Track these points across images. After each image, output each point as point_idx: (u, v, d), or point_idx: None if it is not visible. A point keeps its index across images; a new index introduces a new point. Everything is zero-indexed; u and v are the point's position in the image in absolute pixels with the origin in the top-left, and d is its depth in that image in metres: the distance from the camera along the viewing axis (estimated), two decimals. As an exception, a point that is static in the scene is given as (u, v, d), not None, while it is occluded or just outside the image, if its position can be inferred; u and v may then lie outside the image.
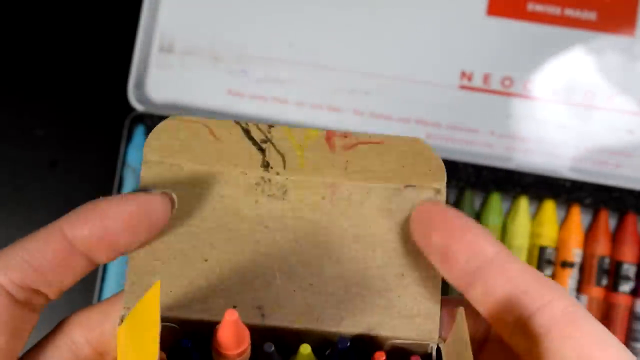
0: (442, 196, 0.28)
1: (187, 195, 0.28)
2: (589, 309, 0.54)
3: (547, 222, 0.55)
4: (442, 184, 0.28)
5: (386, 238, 0.28)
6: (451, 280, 0.26)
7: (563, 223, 0.56)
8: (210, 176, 0.28)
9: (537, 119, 0.55)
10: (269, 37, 0.55)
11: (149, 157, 0.28)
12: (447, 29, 0.55)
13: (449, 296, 0.29)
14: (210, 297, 0.27)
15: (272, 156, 0.28)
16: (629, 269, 0.55)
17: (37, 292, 0.26)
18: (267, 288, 0.27)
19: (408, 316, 0.27)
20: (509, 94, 0.55)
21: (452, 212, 0.26)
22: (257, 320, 0.27)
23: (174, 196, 0.28)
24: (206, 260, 0.27)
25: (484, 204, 0.56)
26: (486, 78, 0.55)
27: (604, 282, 0.55)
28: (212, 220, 0.28)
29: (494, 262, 0.25)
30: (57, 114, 0.58)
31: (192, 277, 0.27)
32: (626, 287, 0.54)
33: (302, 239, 0.28)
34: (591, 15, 0.55)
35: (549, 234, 0.55)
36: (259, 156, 0.28)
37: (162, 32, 0.55)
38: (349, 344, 0.26)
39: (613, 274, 0.55)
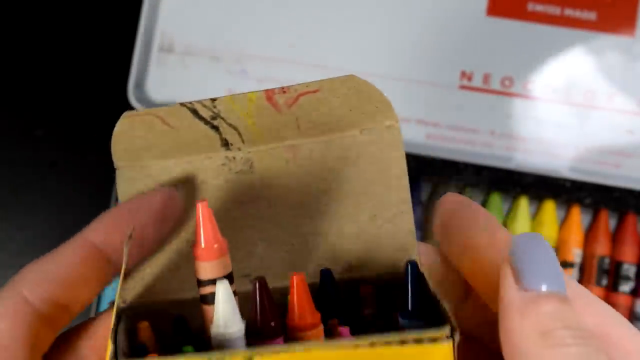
0: (397, 130, 0.29)
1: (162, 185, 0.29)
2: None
3: (547, 222, 0.55)
4: (393, 119, 0.29)
5: (352, 185, 0.29)
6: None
7: (563, 223, 0.56)
8: (178, 167, 0.29)
9: (537, 119, 0.55)
10: (269, 37, 0.55)
11: (119, 163, 0.29)
12: (447, 29, 0.55)
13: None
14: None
15: (227, 131, 0.29)
16: (629, 269, 0.55)
17: (62, 307, 0.25)
18: (250, 257, 0.28)
19: (386, 251, 0.28)
20: (509, 94, 0.55)
21: (470, 210, 0.26)
22: (247, 288, 0.27)
23: (179, 190, 0.29)
24: (188, 242, 0.28)
25: (484, 204, 0.56)
26: (486, 78, 0.55)
27: (604, 282, 0.55)
28: (187, 204, 0.28)
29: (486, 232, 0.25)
30: (57, 114, 0.58)
31: (178, 260, 0.28)
32: (626, 287, 0.54)
33: (275, 205, 0.29)
34: (591, 15, 0.55)
35: (549, 234, 0.55)
36: (215, 136, 0.29)
37: (162, 32, 0.55)
38: (330, 271, 0.28)
39: (613, 274, 0.55)
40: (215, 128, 0.28)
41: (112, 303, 0.27)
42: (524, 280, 0.22)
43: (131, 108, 0.54)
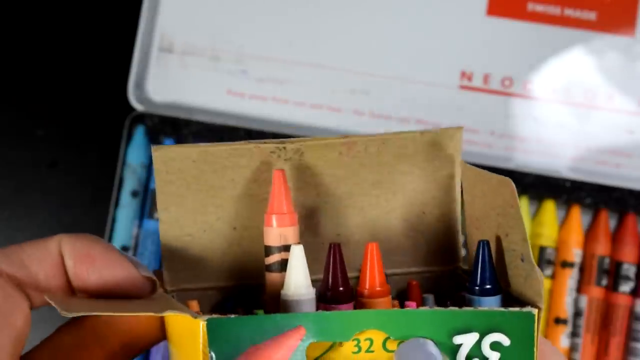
0: (458, 137, 0.30)
1: (204, 171, 0.28)
2: (589, 309, 0.54)
3: (547, 222, 0.55)
4: (456, 130, 0.29)
5: (405, 180, 0.29)
6: None
7: (563, 223, 0.56)
8: (225, 152, 0.28)
9: (537, 119, 0.55)
10: (268, 36, 0.55)
11: (157, 149, 0.27)
12: (447, 29, 0.55)
13: None
14: (245, 262, 0.28)
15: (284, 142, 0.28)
16: (629, 269, 0.55)
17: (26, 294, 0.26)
18: None
19: (433, 249, 0.29)
20: (509, 94, 0.55)
21: None
22: None
23: (155, 279, 0.27)
24: (235, 229, 0.28)
25: (484, 204, 0.56)
26: (486, 78, 0.55)
27: (604, 282, 0.55)
28: (232, 189, 0.28)
29: None
30: (57, 114, 0.58)
31: (224, 247, 0.28)
32: (626, 287, 0.54)
33: (324, 193, 0.28)
34: (591, 15, 0.55)
35: (549, 234, 0.55)
36: (270, 144, 0.28)
37: (162, 32, 0.55)
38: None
39: (613, 274, 0.55)
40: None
41: None
42: None
43: (131, 108, 0.54)
